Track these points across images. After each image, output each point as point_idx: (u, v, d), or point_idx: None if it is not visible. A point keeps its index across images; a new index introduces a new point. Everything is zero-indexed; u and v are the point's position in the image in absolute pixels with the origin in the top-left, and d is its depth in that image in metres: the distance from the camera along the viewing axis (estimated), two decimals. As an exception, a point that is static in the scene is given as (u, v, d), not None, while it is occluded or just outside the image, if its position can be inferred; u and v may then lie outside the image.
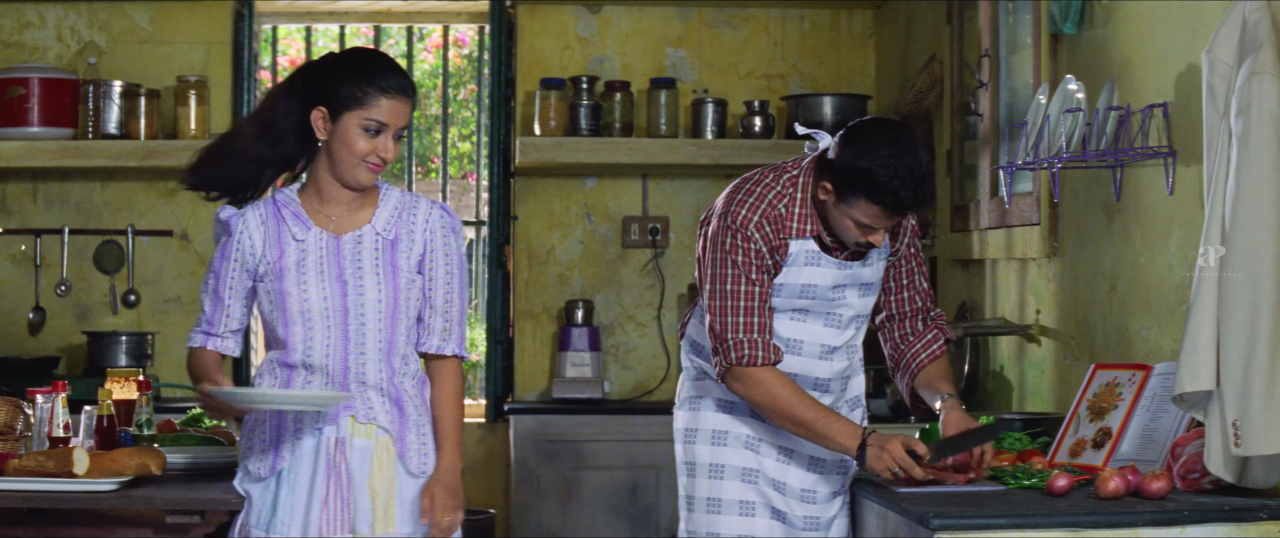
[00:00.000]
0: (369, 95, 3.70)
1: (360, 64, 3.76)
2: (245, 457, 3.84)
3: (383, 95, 3.71)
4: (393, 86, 3.73)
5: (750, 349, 3.95)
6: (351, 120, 3.71)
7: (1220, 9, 3.71)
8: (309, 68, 3.82)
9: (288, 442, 3.78)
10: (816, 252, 4.01)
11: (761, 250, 3.97)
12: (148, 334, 6.73)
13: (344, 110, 3.71)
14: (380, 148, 3.73)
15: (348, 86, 3.71)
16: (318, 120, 3.73)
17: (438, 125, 8.89)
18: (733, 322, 3.97)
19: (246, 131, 3.81)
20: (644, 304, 7.05)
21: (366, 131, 3.72)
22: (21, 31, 6.91)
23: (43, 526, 4.03)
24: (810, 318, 4.06)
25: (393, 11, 7.30)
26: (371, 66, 3.75)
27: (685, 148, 6.76)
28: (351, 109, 3.71)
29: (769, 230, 3.97)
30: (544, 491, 6.51)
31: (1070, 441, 4.16)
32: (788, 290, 4.02)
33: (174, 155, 6.67)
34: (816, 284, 4.02)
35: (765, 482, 4.09)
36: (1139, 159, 4.22)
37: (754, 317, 3.97)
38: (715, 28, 7.07)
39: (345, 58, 3.80)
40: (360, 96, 3.70)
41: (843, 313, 4.08)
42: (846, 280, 4.05)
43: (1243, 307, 3.44)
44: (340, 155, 3.74)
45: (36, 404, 4.38)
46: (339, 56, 3.82)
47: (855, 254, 4.06)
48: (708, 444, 4.11)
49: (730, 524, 4.10)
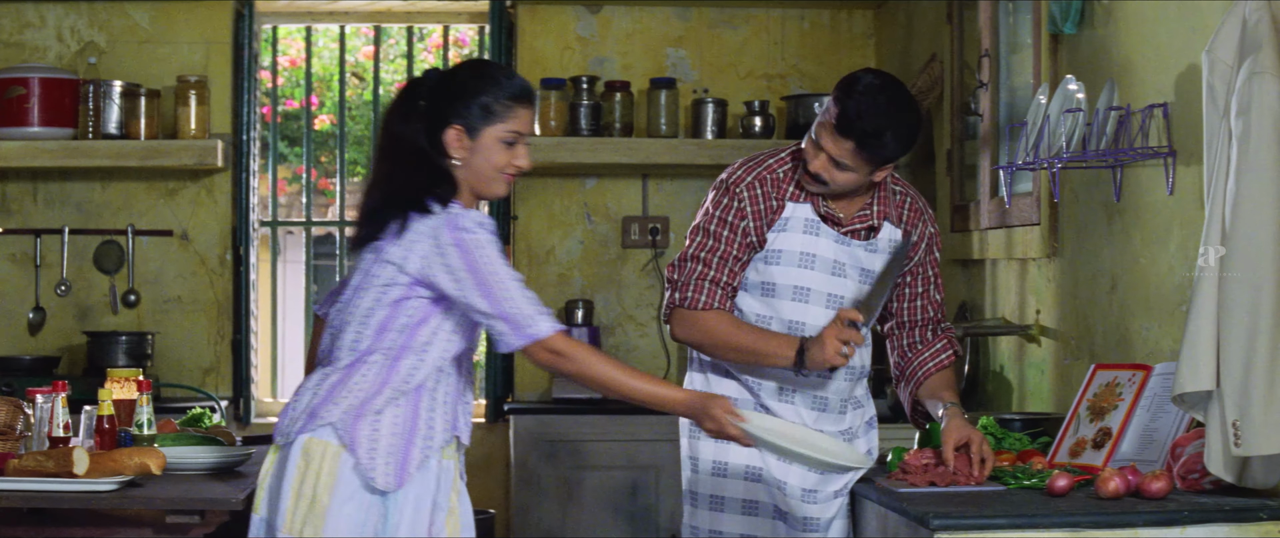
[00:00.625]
0: (507, 107, 3.61)
1: (487, 75, 3.65)
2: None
3: (518, 104, 3.62)
4: (525, 94, 3.65)
5: (697, 292, 4.05)
6: (491, 135, 3.61)
7: (1220, 9, 3.71)
8: (425, 88, 3.66)
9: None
10: (815, 220, 4.07)
11: (744, 210, 4.05)
12: (148, 334, 6.72)
13: (483, 126, 3.61)
14: (518, 157, 3.64)
15: (483, 100, 3.61)
16: (453, 140, 3.60)
17: (438, 125, 8.89)
18: (691, 268, 4.08)
19: (386, 170, 3.64)
20: (644, 304, 7.05)
21: (506, 144, 3.63)
22: (21, 31, 6.91)
23: (43, 526, 4.03)
24: (812, 298, 4.07)
25: (393, 11, 7.30)
26: (500, 76, 3.65)
27: (685, 148, 6.76)
28: (490, 123, 3.61)
29: (759, 191, 4.06)
30: (544, 491, 6.51)
31: (1070, 441, 4.16)
32: (787, 258, 4.06)
33: (174, 155, 6.67)
34: (816, 254, 4.05)
35: (768, 481, 4.10)
36: (1139, 159, 4.22)
37: (711, 269, 4.06)
38: (715, 28, 7.07)
39: (467, 72, 3.67)
40: (499, 109, 3.61)
41: (845, 294, 4.08)
42: (847, 259, 4.07)
43: (1243, 307, 3.44)
44: (481, 170, 3.62)
45: (36, 404, 4.38)
46: (457, 72, 3.68)
47: (856, 232, 4.07)
48: (712, 441, 4.12)
49: (733, 522, 4.11)
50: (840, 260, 4.07)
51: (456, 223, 3.52)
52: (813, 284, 4.07)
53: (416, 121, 3.61)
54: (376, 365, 3.55)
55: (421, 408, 3.58)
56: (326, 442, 3.52)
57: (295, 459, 3.54)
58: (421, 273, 3.53)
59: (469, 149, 3.60)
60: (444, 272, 3.52)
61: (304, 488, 3.52)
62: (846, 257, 4.08)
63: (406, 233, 3.53)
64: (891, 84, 4.00)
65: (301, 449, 3.53)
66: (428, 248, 3.52)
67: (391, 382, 3.55)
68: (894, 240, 4.13)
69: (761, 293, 4.10)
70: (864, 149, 3.92)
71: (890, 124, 3.93)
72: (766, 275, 4.09)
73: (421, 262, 3.53)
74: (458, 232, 3.52)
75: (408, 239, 3.53)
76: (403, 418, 3.56)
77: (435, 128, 3.60)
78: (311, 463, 3.52)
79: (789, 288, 4.07)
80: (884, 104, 3.93)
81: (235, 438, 4.82)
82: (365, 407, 3.53)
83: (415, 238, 3.53)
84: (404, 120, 3.63)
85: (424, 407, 3.58)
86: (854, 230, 4.09)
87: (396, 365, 3.55)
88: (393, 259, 3.54)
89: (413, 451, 3.55)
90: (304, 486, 3.52)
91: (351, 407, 3.53)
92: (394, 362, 3.55)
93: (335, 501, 3.50)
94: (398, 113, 3.65)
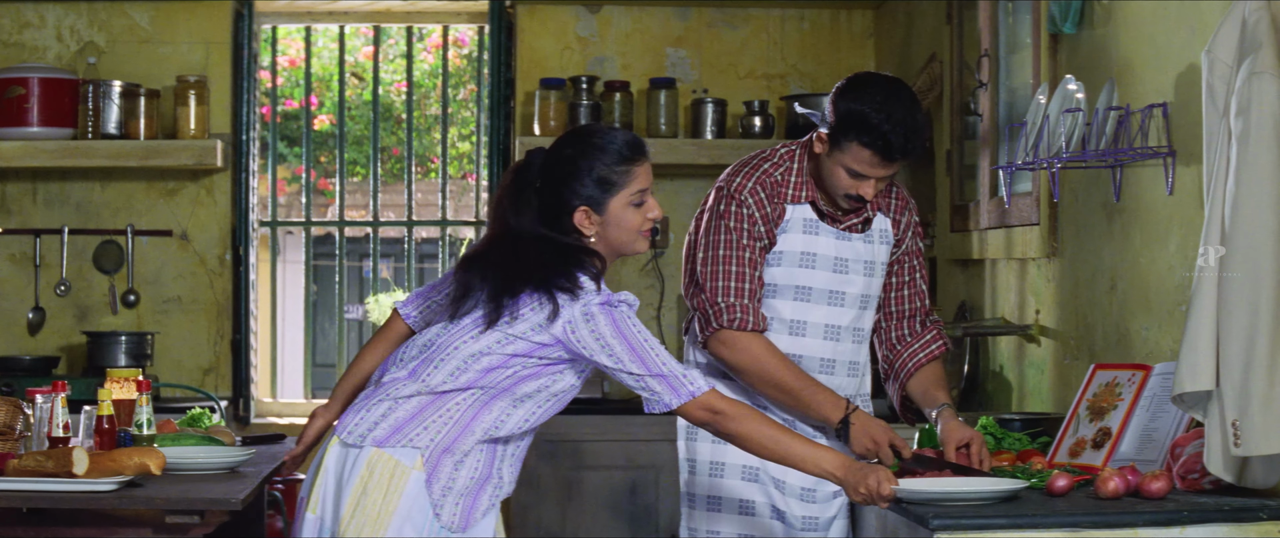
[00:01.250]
0: (624, 172, 3.58)
1: (592, 145, 3.59)
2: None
3: (632, 165, 3.59)
4: (634, 151, 3.60)
5: (741, 313, 4.00)
6: (619, 202, 3.59)
7: (1220, 9, 3.71)
8: (534, 171, 3.62)
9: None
10: (814, 219, 4.06)
11: (753, 216, 4.02)
12: (147, 334, 6.72)
13: (608, 197, 3.58)
14: (649, 209, 3.62)
15: (597, 175, 3.57)
16: (582, 222, 3.58)
17: (437, 125, 8.89)
18: (722, 286, 4.01)
19: (514, 252, 3.58)
20: (644, 304, 7.05)
21: (636, 206, 3.61)
22: (21, 31, 6.91)
23: (43, 526, 4.03)
24: (814, 296, 4.07)
25: (393, 11, 7.30)
26: (603, 142, 3.60)
27: (685, 148, 6.76)
28: (613, 193, 3.58)
29: (763, 195, 4.03)
30: (544, 491, 6.51)
31: (1070, 441, 4.15)
32: (788, 259, 4.05)
33: (174, 155, 6.67)
34: (816, 253, 4.05)
35: (766, 480, 4.10)
36: (1139, 159, 4.22)
37: (744, 283, 4.01)
38: (715, 28, 7.07)
39: (570, 147, 3.61)
40: (616, 177, 3.58)
41: (847, 291, 4.08)
42: (848, 254, 4.07)
43: (1243, 307, 3.44)
44: (618, 239, 3.61)
45: (36, 404, 4.38)
46: (561, 148, 3.61)
47: (853, 227, 4.08)
48: (709, 442, 4.12)
49: (730, 523, 4.11)
50: (842, 257, 4.08)
51: (608, 299, 3.53)
52: (814, 283, 4.07)
53: (528, 212, 3.58)
54: (471, 401, 3.54)
55: (498, 459, 3.60)
56: (399, 461, 3.51)
57: (362, 467, 3.52)
58: (563, 337, 3.52)
59: (600, 223, 3.59)
60: (593, 338, 3.51)
61: (368, 500, 3.51)
62: (849, 252, 4.08)
63: (558, 310, 3.51)
64: (899, 94, 3.97)
65: (371, 460, 3.51)
66: (577, 315, 3.51)
67: (481, 422, 3.54)
68: (884, 230, 4.15)
69: (764, 293, 4.10)
70: (911, 161, 3.95)
71: (921, 128, 3.95)
72: (768, 277, 4.09)
73: (565, 327, 3.51)
74: (607, 306, 3.52)
75: (558, 312, 3.52)
76: (483, 465, 3.57)
77: (558, 215, 3.57)
78: (377, 474, 3.51)
79: (790, 288, 4.08)
80: (911, 121, 3.91)
81: (235, 438, 4.82)
82: (455, 445, 3.53)
83: (567, 311, 3.51)
84: (518, 210, 3.59)
85: (500, 459, 3.60)
86: (851, 225, 4.10)
87: (490, 405, 3.55)
88: (531, 320, 3.52)
89: (482, 499, 3.57)
90: (368, 497, 3.51)
91: (441, 440, 3.52)
92: (489, 402, 3.55)
93: (396, 518, 3.49)
94: (512, 203, 3.60)
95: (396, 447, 3.51)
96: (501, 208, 3.63)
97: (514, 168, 3.65)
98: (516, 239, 3.59)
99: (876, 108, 3.90)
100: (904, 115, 3.90)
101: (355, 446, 3.54)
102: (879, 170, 3.94)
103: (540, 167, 3.61)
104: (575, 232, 3.59)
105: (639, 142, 3.62)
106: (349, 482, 3.52)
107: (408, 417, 3.52)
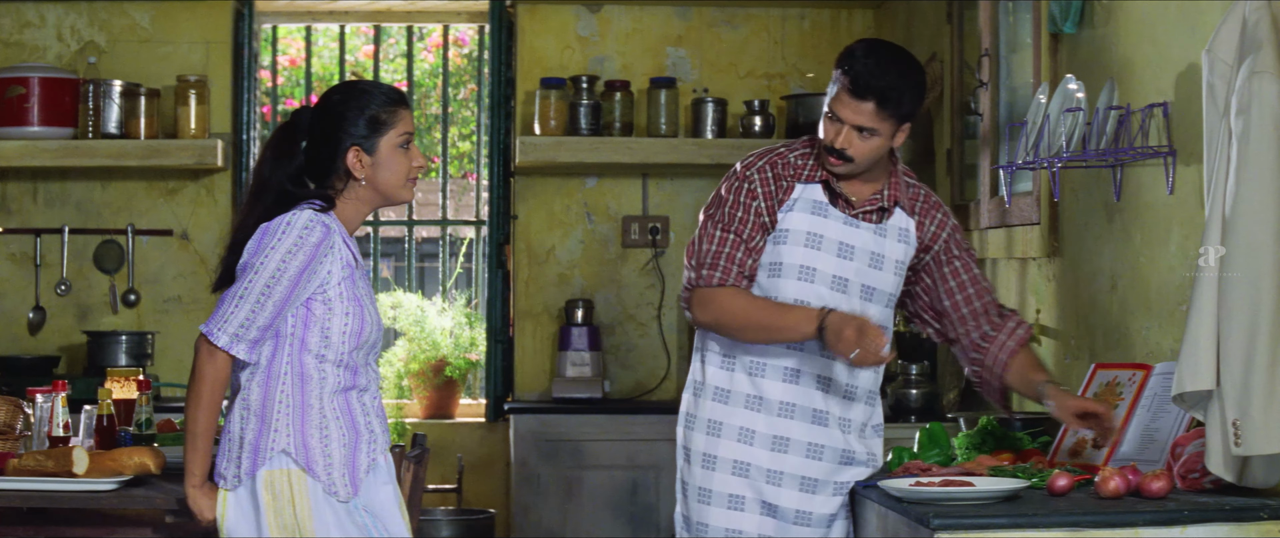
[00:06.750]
0: (393, 113, 3.72)
1: (360, 91, 3.74)
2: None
3: (399, 107, 3.74)
4: (401, 98, 3.76)
5: (712, 270, 4.07)
6: (388, 144, 3.71)
7: (1220, 9, 3.71)
8: (306, 123, 3.74)
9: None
10: (824, 202, 4.09)
11: (754, 191, 4.08)
12: (148, 334, 6.73)
13: (378, 138, 3.70)
14: (415, 156, 3.75)
15: (368, 114, 3.70)
16: (354, 163, 3.70)
17: (438, 125, 8.89)
18: (708, 249, 4.10)
19: (260, 211, 3.70)
20: (644, 304, 7.05)
21: (402, 149, 3.73)
22: (21, 31, 6.91)
23: (43, 525, 4.03)
24: (817, 278, 4.08)
25: (393, 11, 7.30)
26: (370, 88, 3.75)
27: (685, 147, 6.76)
28: (385, 133, 3.71)
29: (770, 175, 4.10)
30: (544, 490, 6.51)
31: (1070, 440, 4.16)
32: (794, 237, 4.07)
33: (174, 155, 6.67)
34: (823, 236, 4.07)
35: (758, 475, 4.09)
36: (1139, 159, 4.22)
37: (726, 248, 4.09)
38: (715, 27, 7.07)
39: (341, 94, 3.76)
40: (387, 117, 3.71)
41: (850, 278, 4.08)
42: (855, 241, 4.07)
43: (1243, 306, 3.44)
44: (387, 181, 3.72)
45: (36, 404, 4.38)
46: (329, 97, 3.76)
47: (866, 215, 4.08)
48: (703, 433, 4.13)
49: (718, 517, 4.11)
50: (848, 242, 4.08)
51: (288, 219, 3.63)
52: (818, 264, 4.08)
53: (295, 164, 3.70)
54: (272, 375, 3.65)
55: (356, 412, 3.69)
56: (281, 469, 3.61)
57: (262, 494, 3.62)
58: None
59: (371, 165, 3.70)
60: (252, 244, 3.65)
61: (282, 519, 3.61)
62: (855, 239, 4.09)
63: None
64: (888, 44, 4.10)
65: (265, 484, 3.61)
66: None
67: (302, 379, 3.64)
68: (904, 228, 4.13)
69: (768, 273, 4.11)
70: (886, 105, 3.96)
71: (902, 75, 4.00)
72: (773, 255, 4.10)
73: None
74: (281, 223, 3.63)
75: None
76: (345, 425, 3.67)
77: (330, 160, 3.69)
78: (278, 496, 3.61)
79: (795, 267, 4.08)
80: (889, 59, 4.01)
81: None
82: (305, 423, 3.63)
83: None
84: (278, 164, 3.71)
85: (360, 412, 3.70)
86: (865, 212, 4.10)
87: (287, 362, 3.65)
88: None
89: (361, 458, 3.67)
90: (281, 517, 3.61)
91: (292, 422, 3.63)
92: (284, 360, 3.65)
93: (315, 521, 3.60)
94: (273, 158, 3.73)
95: (272, 458, 3.61)
96: (262, 164, 3.75)
97: (279, 126, 3.80)
98: (259, 194, 3.70)
99: (862, 47, 4.04)
100: (884, 57, 4.00)
101: (236, 487, 3.65)
102: (850, 107, 3.97)
103: (309, 120, 3.74)
104: (346, 175, 3.70)
105: (401, 91, 3.78)
106: (261, 516, 3.61)
107: (251, 431, 3.63)
